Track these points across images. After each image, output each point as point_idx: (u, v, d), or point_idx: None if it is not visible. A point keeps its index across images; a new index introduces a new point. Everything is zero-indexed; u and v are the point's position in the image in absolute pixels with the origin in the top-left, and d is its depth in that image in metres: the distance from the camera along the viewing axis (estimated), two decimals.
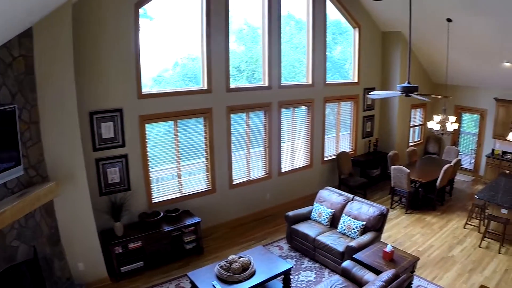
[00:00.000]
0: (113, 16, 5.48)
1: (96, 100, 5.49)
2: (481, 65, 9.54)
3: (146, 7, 5.99)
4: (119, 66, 5.65)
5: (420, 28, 8.71)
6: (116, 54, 5.59)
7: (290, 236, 6.71)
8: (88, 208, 5.11)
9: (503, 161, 10.25)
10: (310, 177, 8.95)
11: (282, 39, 7.88)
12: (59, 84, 4.67)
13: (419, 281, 5.82)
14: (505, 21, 7.26)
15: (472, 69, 9.94)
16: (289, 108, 8.21)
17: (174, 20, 6.52)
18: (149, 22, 6.23)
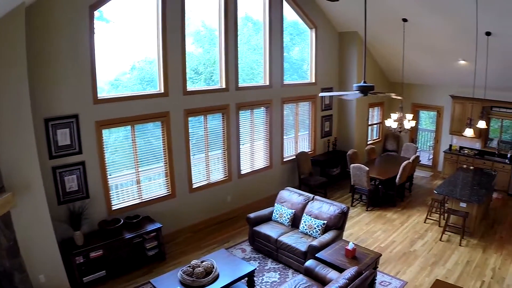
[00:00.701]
0: (67, 19, 5.58)
1: (51, 106, 5.60)
2: (437, 63, 10.37)
3: (102, 9, 6.13)
4: (74, 70, 5.77)
5: (376, 28, 9.36)
6: (70, 58, 5.70)
7: (253, 238, 7.04)
8: (46, 218, 5.22)
9: (461, 156, 11.18)
10: (270, 178, 9.39)
11: (240, 40, 8.27)
12: (12, 90, 4.73)
13: (383, 277, 6.27)
14: (459, 19, 8.00)
15: (428, 67, 10.76)
16: (247, 109, 8.60)
17: (130, 23, 6.69)
18: (105, 25, 6.38)
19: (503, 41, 8.09)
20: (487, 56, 8.40)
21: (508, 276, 6.34)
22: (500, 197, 10.13)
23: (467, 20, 7.58)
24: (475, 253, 7.12)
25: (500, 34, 7.90)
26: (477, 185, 8.35)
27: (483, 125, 8.52)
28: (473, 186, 8.31)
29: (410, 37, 9.27)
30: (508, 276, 6.33)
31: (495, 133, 11.17)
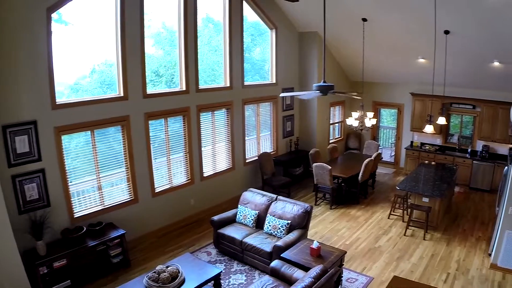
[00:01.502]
0: (23, 21, 5.59)
1: (8, 113, 5.62)
2: (396, 62, 11.07)
3: (61, 11, 6.20)
4: (31, 75, 5.80)
5: (336, 27, 9.89)
6: (27, 62, 5.73)
7: (217, 241, 7.31)
8: (7, 228, 5.26)
9: (422, 152, 11.97)
10: (233, 180, 9.74)
11: (201, 42, 8.55)
12: None
13: (349, 274, 6.65)
14: (418, 18, 8.62)
15: (388, 66, 11.44)
16: (208, 111, 8.88)
17: (90, 25, 6.79)
18: (64, 27, 6.45)
19: (461, 39, 8.82)
20: (446, 54, 9.08)
21: (473, 267, 6.93)
22: (462, 191, 10.91)
23: (426, 19, 8.23)
24: (439, 247, 7.70)
25: (458, 33, 8.62)
26: (439, 180, 9.01)
27: (443, 121, 9.16)
28: (435, 181, 8.96)
29: (370, 37, 9.85)
30: (472, 267, 6.92)
31: (456, 128, 12.02)
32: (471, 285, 6.34)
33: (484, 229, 8.49)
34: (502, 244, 6.59)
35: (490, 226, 8.52)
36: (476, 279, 6.53)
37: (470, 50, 9.16)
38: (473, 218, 9.15)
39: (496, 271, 6.72)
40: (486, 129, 10.90)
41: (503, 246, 6.59)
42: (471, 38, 8.69)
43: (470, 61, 9.65)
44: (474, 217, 9.18)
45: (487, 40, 8.51)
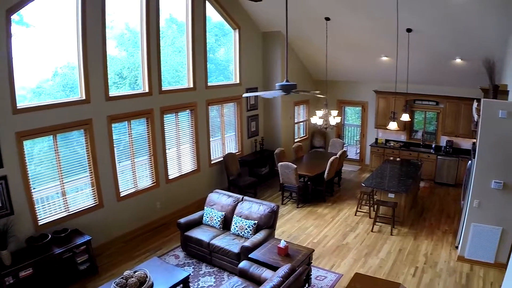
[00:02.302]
0: None
1: None
2: (360, 60, 11.59)
3: (22, 13, 6.20)
4: None
5: (299, 27, 10.25)
6: None
7: (185, 244, 7.46)
8: None
9: (387, 149, 12.58)
10: (199, 182, 9.94)
11: (164, 43, 8.70)
12: None
13: (318, 271, 6.93)
14: (380, 17, 9.08)
15: (351, 64, 11.95)
16: (171, 113, 9.04)
17: (52, 27, 6.80)
18: (25, 30, 6.44)
19: (424, 37, 9.39)
20: (409, 52, 9.58)
21: (440, 260, 7.39)
22: (428, 185, 11.49)
23: (389, 18, 8.68)
24: (407, 241, 8.13)
25: (420, 31, 9.17)
26: (404, 176, 9.50)
27: (407, 118, 9.67)
28: (400, 177, 9.45)
29: (333, 36, 10.27)
30: (440, 260, 7.38)
31: (420, 125, 12.67)
32: (440, 278, 6.76)
33: (450, 223, 9.01)
34: (468, 236, 7.04)
35: (456, 219, 9.07)
36: (444, 271, 6.96)
37: (433, 48, 9.74)
38: (439, 212, 9.68)
39: (464, 263, 7.17)
40: (450, 124, 11.54)
41: (469, 238, 7.03)
42: (433, 36, 9.25)
43: (433, 59, 10.25)
44: (440, 211, 9.71)
45: (449, 37, 9.10)
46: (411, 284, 6.56)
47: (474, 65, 9.52)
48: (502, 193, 6.57)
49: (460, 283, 6.58)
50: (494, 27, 8.03)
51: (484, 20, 7.94)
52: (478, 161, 6.68)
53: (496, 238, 6.79)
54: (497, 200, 6.65)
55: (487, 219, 6.81)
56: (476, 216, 6.89)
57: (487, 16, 7.78)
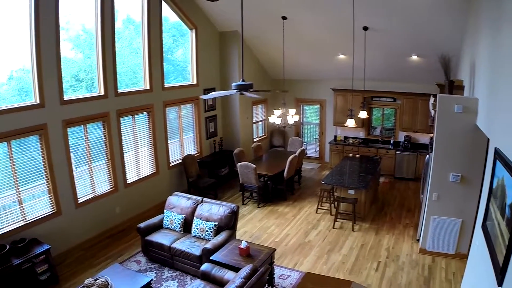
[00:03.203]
0: None
1: None
2: (317, 58, 12.05)
3: None
4: None
5: (256, 26, 10.55)
6: None
7: (146, 248, 7.56)
8: None
9: (346, 146, 13.12)
10: (158, 185, 10.08)
11: (122, 44, 8.78)
12: None
13: (281, 270, 7.17)
14: (337, 15, 9.45)
15: (309, 63, 12.41)
16: (128, 116, 9.11)
17: (6, 29, 6.74)
18: None
19: (380, 35, 9.91)
20: (365, 50, 10.05)
21: (402, 253, 7.84)
22: (387, 180, 12.04)
23: (345, 16, 9.07)
24: (369, 236, 8.56)
25: (376, 29, 9.67)
26: (363, 172, 9.99)
27: (364, 115, 10.14)
28: (359, 173, 9.93)
29: (290, 35, 10.65)
30: (402, 254, 7.83)
31: (378, 121, 13.25)
32: (402, 271, 7.18)
33: (411, 216, 9.54)
34: (429, 229, 7.50)
35: (417, 213, 9.62)
36: (407, 264, 7.40)
37: (389, 45, 10.29)
38: (400, 206, 10.21)
39: (426, 255, 7.65)
40: (407, 120, 12.17)
41: (430, 231, 7.50)
42: (389, 34, 9.80)
43: (390, 56, 10.81)
44: (400, 205, 10.24)
45: (405, 35, 9.66)
46: (374, 278, 6.95)
47: (430, 62, 10.07)
48: (460, 186, 7.01)
49: (422, 275, 7.01)
50: (449, 24, 8.59)
51: (439, 17, 8.49)
52: (436, 155, 7.09)
53: (456, 230, 7.25)
54: (455, 193, 7.08)
55: (447, 212, 7.24)
56: (436, 209, 7.32)
57: (443, 13, 8.33)
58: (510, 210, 3.22)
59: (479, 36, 6.32)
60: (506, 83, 4.04)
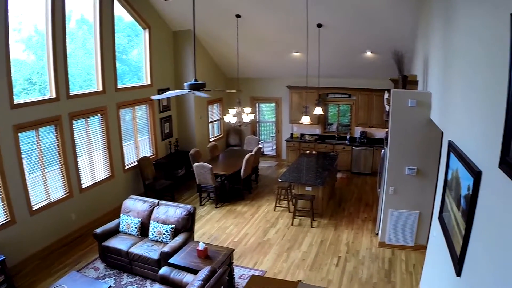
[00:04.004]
0: None
1: None
2: (271, 56, 12.38)
3: None
4: None
5: (210, 25, 10.74)
6: None
7: (104, 254, 7.55)
8: None
9: (302, 143, 13.54)
10: (114, 188, 10.09)
11: (75, 44, 8.73)
12: None
13: (241, 270, 7.34)
14: (291, 13, 9.70)
15: (263, 61, 12.76)
16: (81, 118, 9.05)
17: None
18: None
19: (334, 32, 10.29)
20: (319, 47, 10.40)
21: (362, 248, 8.21)
22: (345, 176, 12.50)
23: (299, 14, 9.34)
24: (328, 232, 8.91)
25: (330, 26, 10.04)
26: (320, 168, 10.35)
27: (320, 111, 10.51)
28: (316, 170, 10.27)
29: (244, 33, 10.90)
30: (362, 248, 8.20)
31: (334, 117, 13.61)
32: (363, 265, 7.55)
33: (369, 210, 10.00)
34: (387, 222, 7.88)
35: (375, 207, 10.06)
36: (367, 258, 7.78)
37: (343, 42, 10.74)
38: (358, 200, 10.67)
39: (385, 248, 8.07)
40: (363, 116, 12.69)
41: (388, 224, 7.89)
42: (343, 30, 10.20)
43: (344, 52, 11.25)
44: (358, 200, 10.70)
45: (359, 31, 10.08)
46: (335, 274, 7.27)
47: (384, 58, 10.52)
48: (416, 179, 7.43)
49: (383, 268, 7.41)
50: (402, 20, 9.06)
51: (392, 13, 8.94)
52: (391, 149, 7.47)
53: (414, 222, 7.67)
54: (411, 186, 7.50)
55: (404, 205, 7.65)
56: (393, 202, 7.70)
57: (396, 9, 8.77)
58: (465, 201, 3.54)
59: (431, 31, 6.72)
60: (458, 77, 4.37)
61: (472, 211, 3.26)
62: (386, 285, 6.87)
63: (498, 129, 2.64)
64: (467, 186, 3.44)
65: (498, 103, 2.68)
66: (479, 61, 3.42)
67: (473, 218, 3.26)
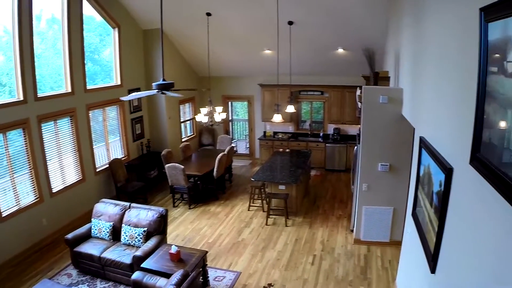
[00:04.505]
0: None
1: None
2: (243, 54, 12.45)
3: None
4: None
5: (180, 23, 10.74)
6: None
7: (76, 260, 7.44)
8: None
9: (276, 141, 13.58)
10: (85, 192, 9.97)
11: (46, 44, 8.59)
12: None
13: (216, 272, 7.33)
14: (262, 10, 9.80)
15: (235, 59, 12.82)
16: (50, 121, 8.90)
17: None
18: None
19: (305, 29, 10.39)
20: (291, 44, 10.51)
21: (337, 245, 8.32)
22: (319, 173, 12.63)
23: (269, 11, 9.43)
24: (302, 230, 8.99)
25: (301, 23, 10.13)
26: (293, 166, 10.44)
27: (292, 109, 10.59)
28: (289, 168, 10.33)
29: (215, 31, 10.93)
30: (337, 246, 8.30)
31: (307, 115, 13.64)
32: (339, 263, 7.65)
33: (344, 207, 10.14)
34: (362, 219, 8.00)
35: (349, 204, 10.17)
36: (343, 256, 7.89)
37: (315, 39, 10.87)
38: (332, 198, 10.79)
39: (361, 245, 8.19)
40: (336, 113, 12.85)
41: (362, 221, 8.00)
42: (315, 28, 10.34)
43: (316, 49, 11.39)
44: (332, 197, 10.83)
45: (330, 28, 10.23)
46: (311, 272, 7.38)
47: (356, 54, 10.67)
48: (389, 175, 7.57)
49: (359, 265, 7.54)
50: (373, 16, 9.25)
51: (363, 9, 9.10)
52: (363, 146, 7.57)
53: (389, 218, 7.81)
54: (385, 182, 7.62)
55: (378, 201, 7.78)
56: (367, 199, 7.82)
57: (367, 6, 8.96)
58: (437, 198, 3.62)
59: (402, 27, 6.85)
60: (428, 73, 4.48)
61: (444, 208, 3.35)
62: (362, 282, 7.01)
63: (469, 125, 2.72)
64: (439, 182, 3.53)
65: (468, 98, 2.77)
66: (450, 57, 3.51)
67: (445, 215, 3.34)
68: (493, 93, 2.30)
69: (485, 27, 2.40)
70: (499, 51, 2.21)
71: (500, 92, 2.19)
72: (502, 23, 2.14)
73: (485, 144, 2.46)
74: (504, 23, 2.11)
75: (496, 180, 2.18)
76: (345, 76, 12.47)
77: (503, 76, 2.15)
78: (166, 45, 11.99)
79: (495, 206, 2.23)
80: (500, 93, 2.18)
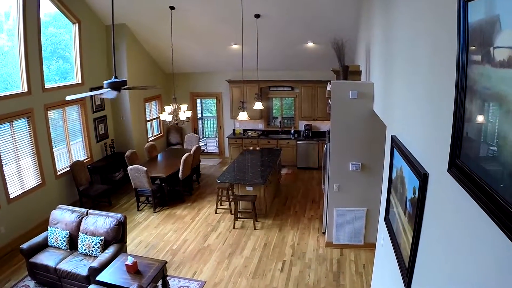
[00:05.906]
0: None
1: None
2: (209, 49, 12.13)
3: None
4: None
5: (143, 17, 10.39)
6: None
7: (32, 271, 6.97)
8: None
9: (245, 139, 13.13)
10: (46, 197, 9.48)
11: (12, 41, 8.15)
12: None
13: (179, 282, 6.94)
14: (226, 3, 9.39)
15: (201, 54, 12.47)
16: (5, 123, 8.42)
17: None
18: None
19: (273, 22, 10.14)
20: (258, 39, 10.14)
21: (308, 249, 7.99)
22: (290, 172, 12.32)
23: (235, 3, 9.09)
24: (272, 234, 8.65)
25: (269, 16, 9.84)
26: (262, 166, 9.98)
27: (260, 106, 10.24)
28: (258, 167, 9.95)
29: (179, 25, 10.58)
30: (308, 250, 7.97)
31: (278, 111, 13.21)
32: (310, 268, 7.32)
33: (316, 207, 9.88)
34: (333, 221, 7.69)
35: (321, 204, 9.89)
36: (314, 261, 7.55)
37: (283, 32, 10.67)
38: (304, 197, 10.48)
39: (333, 248, 7.89)
40: (307, 109, 12.57)
41: (334, 223, 7.69)
42: (283, 20, 10.14)
43: (284, 44, 11.16)
44: (304, 197, 10.51)
45: (299, 21, 10.01)
46: (280, 280, 7.01)
47: (326, 48, 10.37)
48: (361, 174, 7.28)
49: (331, 270, 7.22)
50: (344, 8, 9.08)
51: (333, 2, 8.84)
52: (333, 145, 7.24)
53: (362, 220, 7.51)
54: (357, 182, 7.33)
55: (350, 202, 7.48)
56: (338, 200, 7.51)
57: None
58: (411, 205, 3.21)
59: (373, 19, 6.56)
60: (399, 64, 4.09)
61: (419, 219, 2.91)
62: None
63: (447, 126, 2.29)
64: (413, 189, 3.10)
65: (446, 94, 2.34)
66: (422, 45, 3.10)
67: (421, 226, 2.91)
68: (476, 87, 1.89)
69: (464, 7, 1.99)
70: (483, 35, 1.81)
71: (485, 86, 1.78)
72: (486, 0, 1.73)
73: (466, 149, 2.05)
74: None
75: (478, 192, 1.80)
76: (316, 70, 12.25)
77: (488, 65, 1.75)
78: (130, 42, 11.58)
79: (477, 220, 1.85)
80: (486, 88, 1.77)
